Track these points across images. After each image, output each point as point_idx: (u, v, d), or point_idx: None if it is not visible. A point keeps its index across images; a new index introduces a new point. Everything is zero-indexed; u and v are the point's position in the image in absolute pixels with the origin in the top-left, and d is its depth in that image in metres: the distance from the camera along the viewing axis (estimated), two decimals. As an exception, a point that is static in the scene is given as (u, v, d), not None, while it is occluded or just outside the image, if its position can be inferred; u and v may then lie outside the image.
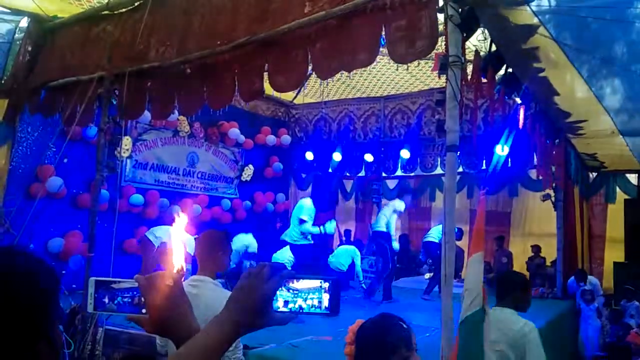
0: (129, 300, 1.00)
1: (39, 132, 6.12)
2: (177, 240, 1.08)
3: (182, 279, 1.03)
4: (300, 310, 0.91)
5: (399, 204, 7.32)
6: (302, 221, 6.32)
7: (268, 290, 0.88)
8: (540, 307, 6.89)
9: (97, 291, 1.00)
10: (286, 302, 0.91)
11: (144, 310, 0.98)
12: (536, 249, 8.71)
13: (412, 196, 10.29)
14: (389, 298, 6.84)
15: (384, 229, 7.09)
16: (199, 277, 2.47)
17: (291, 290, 0.91)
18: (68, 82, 4.55)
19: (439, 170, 8.64)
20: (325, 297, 0.91)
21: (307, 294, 0.91)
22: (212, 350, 0.85)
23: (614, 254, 7.89)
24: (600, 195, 8.28)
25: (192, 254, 2.80)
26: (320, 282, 0.91)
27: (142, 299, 0.98)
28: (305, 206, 6.39)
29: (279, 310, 0.90)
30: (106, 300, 1.00)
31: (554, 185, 7.47)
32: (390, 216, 7.15)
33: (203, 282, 2.44)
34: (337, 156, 9.04)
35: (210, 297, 2.29)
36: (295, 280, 0.91)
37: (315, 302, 0.91)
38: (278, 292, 0.90)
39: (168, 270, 1.01)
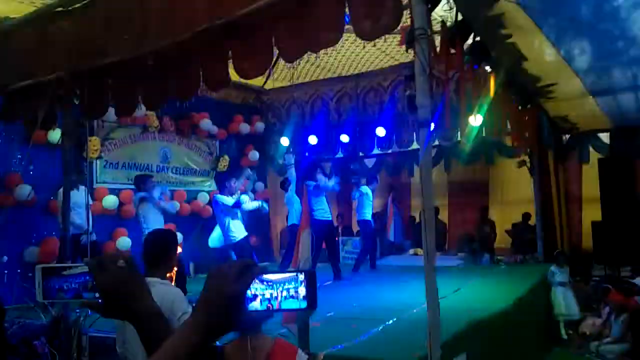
0: (82, 286, 0.97)
1: (2, 140, 5.91)
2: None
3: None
4: (277, 308, 0.85)
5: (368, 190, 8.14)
6: None
7: (238, 290, 0.81)
8: (523, 272, 7.02)
9: (46, 279, 0.97)
10: (262, 298, 0.85)
11: (97, 295, 0.94)
12: (526, 216, 8.73)
13: (392, 172, 10.43)
14: (374, 267, 8.00)
15: (368, 218, 7.97)
16: (149, 279, 2.40)
17: (265, 282, 0.85)
18: (26, 85, 4.37)
19: (415, 146, 8.63)
20: (302, 290, 0.86)
21: (282, 284, 0.85)
22: (185, 356, 0.79)
23: (591, 213, 8.01)
24: (574, 157, 8.36)
25: None
26: (296, 274, 0.86)
27: (94, 282, 0.93)
28: None
29: (253, 309, 0.84)
30: (57, 287, 0.97)
31: (528, 150, 7.54)
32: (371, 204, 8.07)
33: (151, 283, 2.39)
34: (312, 139, 8.97)
35: (160, 292, 2.22)
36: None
37: (292, 292, 0.85)
38: (251, 287, 0.83)
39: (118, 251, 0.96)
